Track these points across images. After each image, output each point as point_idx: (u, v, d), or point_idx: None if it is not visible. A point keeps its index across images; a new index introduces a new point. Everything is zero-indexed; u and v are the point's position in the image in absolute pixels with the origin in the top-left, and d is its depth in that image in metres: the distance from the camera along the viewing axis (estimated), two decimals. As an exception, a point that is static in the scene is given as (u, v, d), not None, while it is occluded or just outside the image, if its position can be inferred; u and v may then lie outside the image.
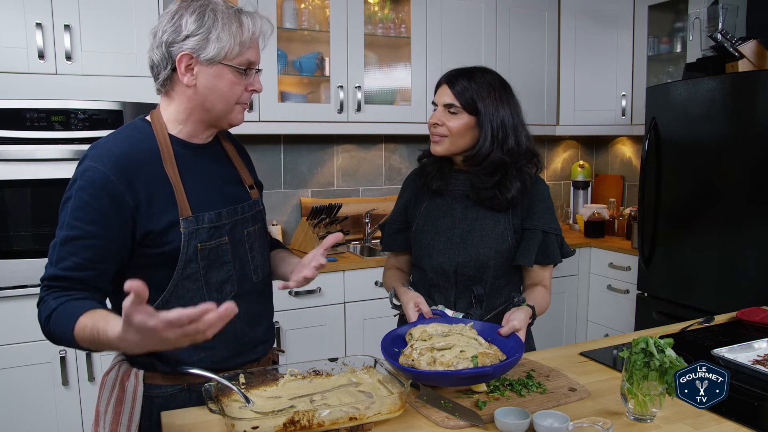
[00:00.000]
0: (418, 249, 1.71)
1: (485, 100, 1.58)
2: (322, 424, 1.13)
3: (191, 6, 1.25)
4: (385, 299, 1.81)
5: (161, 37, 1.25)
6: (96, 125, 2.42)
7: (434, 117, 1.63)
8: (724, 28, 2.98)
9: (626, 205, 4.08)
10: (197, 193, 1.31)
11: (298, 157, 3.47)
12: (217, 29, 1.23)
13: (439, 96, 1.63)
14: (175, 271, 1.27)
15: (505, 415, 1.18)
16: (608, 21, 3.66)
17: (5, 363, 2.37)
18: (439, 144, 1.64)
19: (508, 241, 1.63)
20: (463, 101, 1.59)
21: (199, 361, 1.33)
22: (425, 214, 1.71)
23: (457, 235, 1.65)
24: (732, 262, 2.72)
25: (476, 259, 1.62)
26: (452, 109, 1.60)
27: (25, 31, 2.35)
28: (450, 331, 1.43)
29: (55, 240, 1.22)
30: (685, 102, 2.90)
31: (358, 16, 3.15)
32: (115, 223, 1.21)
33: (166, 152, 1.29)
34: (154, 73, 1.30)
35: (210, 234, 1.31)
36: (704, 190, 2.83)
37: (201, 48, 1.23)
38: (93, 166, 1.22)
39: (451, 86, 1.60)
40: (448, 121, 1.60)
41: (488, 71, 1.64)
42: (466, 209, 1.66)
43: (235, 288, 1.36)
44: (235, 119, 1.34)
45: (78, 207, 1.20)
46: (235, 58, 1.26)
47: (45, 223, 2.40)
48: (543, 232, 1.63)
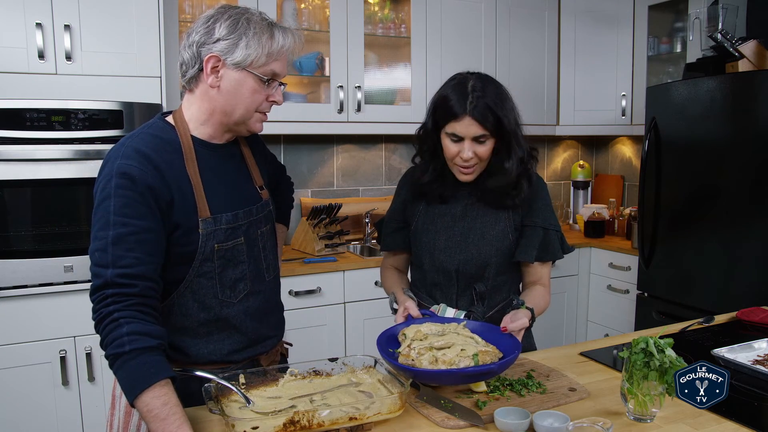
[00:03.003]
0: (418, 248, 1.70)
1: (506, 115, 1.51)
2: (322, 424, 1.13)
3: (227, 12, 1.30)
4: (385, 299, 1.81)
5: (193, 37, 1.30)
6: (96, 125, 2.42)
7: (465, 153, 1.52)
8: (724, 28, 2.98)
9: (626, 205, 4.08)
10: (216, 193, 1.34)
11: (298, 157, 3.47)
12: (248, 37, 1.27)
13: (464, 128, 1.50)
14: (191, 267, 1.30)
15: (505, 415, 1.18)
16: (608, 21, 3.66)
17: (5, 363, 2.37)
18: (471, 174, 1.58)
19: (508, 239, 1.63)
20: (491, 128, 1.50)
21: (209, 353, 1.36)
22: (424, 213, 1.70)
23: (457, 233, 1.64)
24: (732, 262, 2.72)
25: (477, 257, 1.62)
26: (481, 139, 1.52)
27: (25, 31, 2.35)
28: (444, 330, 1.43)
29: (101, 243, 1.19)
30: (685, 102, 2.90)
31: (358, 16, 3.15)
32: (159, 216, 1.24)
33: (189, 152, 1.32)
34: (182, 71, 1.34)
35: (227, 235, 1.34)
36: (704, 190, 2.83)
37: (229, 52, 1.27)
38: (127, 163, 1.23)
39: (474, 116, 1.49)
40: (479, 151, 1.53)
41: (490, 80, 1.57)
42: (466, 208, 1.65)
43: (249, 286, 1.39)
44: (254, 127, 1.37)
45: (124, 204, 1.21)
46: (260, 67, 1.30)
47: (45, 223, 2.40)
48: (543, 228, 1.62)
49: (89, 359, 2.48)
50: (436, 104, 1.59)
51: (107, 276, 1.17)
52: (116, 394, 1.37)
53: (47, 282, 2.41)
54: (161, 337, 1.18)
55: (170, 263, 1.28)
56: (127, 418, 1.34)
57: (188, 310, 1.33)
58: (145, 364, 1.14)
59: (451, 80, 1.58)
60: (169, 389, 1.14)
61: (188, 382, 1.28)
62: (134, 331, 1.15)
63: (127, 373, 1.14)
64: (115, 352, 1.14)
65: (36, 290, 2.39)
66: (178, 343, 1.33)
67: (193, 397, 1.27)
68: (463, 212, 1.65)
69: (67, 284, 2.44)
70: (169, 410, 1.11)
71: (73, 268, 2.44)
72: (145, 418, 1.12)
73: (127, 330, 1.14)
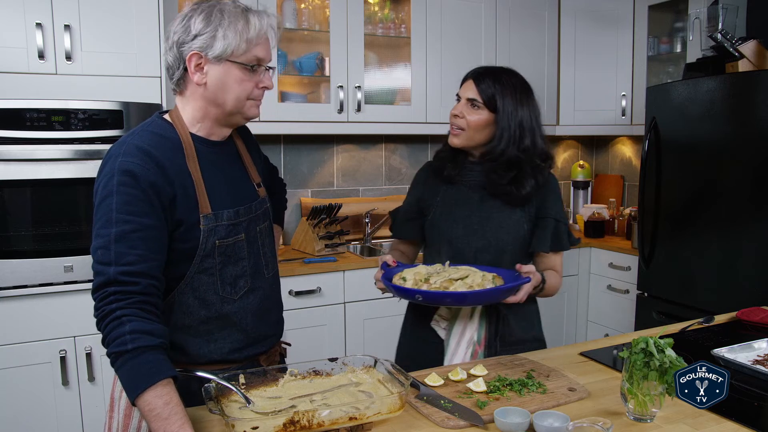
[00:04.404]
0: (436, 236, 1.76)
1: (506, 99, 1.65)
2: (322, 424, 1.13)
3: (200, 7, 1.30)
4: (385, 299, 1.82)
5: (173, 38, 1.30)
6: (96, 125, 2.42)
7: (456, 108, 1.70)
8: (724, 28, 2.98)
9: (626, 205, 4.08)
10: (217, 190, 1.34)
11: (298, 157, 3.47)
12: (224, 27, 1.27)
13: (464, 90, 1.70)
14: (192, 264, 1.30)
15: (505, 415, 1.18)
16: (608, 21, 3.66)
17: (5, 363, 2.37)
18: (457, 136, 1.71)
19: (524, 228, 1.70)
20: (485, 97, 1.65)
21: (209, 352, 1.36)
22: (442, 203, 1.76)
23: (475, 222, 1.70)
24: (732, 262, 2.72)
25: (495, 244, 1.69)
26: (474, 104, 1.66)
27: (25, 31, 2.35)
28: (443, 269, 1.58)
29: (103, 240, 1.19)
30: (685, 102, 2.90)
31: (358, 16, 3.15)
32: (161, 213, 1.24)
33: (189, 149, 1.32)
34: (169, 74, 1.34)
35: (228, 231, 1.34)
36: (704, 190, 2.83)
37: (208, 46, 1.27)
38: (129, 160, 1.23)
39: (476, 82, 1.67)
40: (469, 114, 1.67)
41: (514, 74, 1.71)
42: (483, 199, 1.72)
43: (249, 283, 1.39)
44: (250, 112, 1.37)
45: (126, 201, 1.20)
46: (242, 55, 1.29)
47: (45, 223, 2.40)
48: (555, 220, 1.71)
49: (89, 359, 2.48)
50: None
51: (110, 273, 1.17)
52: (115, 396, 1.37)
53: (47, 282, 2.41)
54: (163, 336, 1.18)
55: (171, 260, 1.28)
56: (126, 420, 1.34)
57: (189, 308, 1.33)
58: (147, 362, 1.13)
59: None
60: (171, 388, 1.14)
61: (188, 382, 1.28)
62: (136, 329, 1.14)
63: (128, 371, 1.14)
64: (117, 350, 1.14)
65: (36, 290, 2.39)
66: (179, 341, 1.33)
67: (194, 396, 1.27)
68: (479, 202, 1.71)
69: (67, 284, 2.44)
70: (171, 409, 1.11)
71: (73, 268, 2.44)
72: (146, 417, 1.12)
73: (129, 328, 1.14)
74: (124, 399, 1.33)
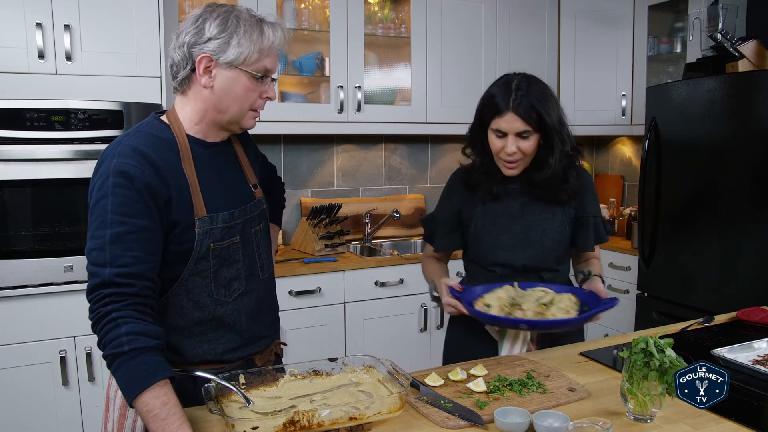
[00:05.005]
0: (480, 248, 1.76)
1: (547, 112, 1.59)
2: (322, 424, 1.13)
3: (216, 11, 1.29)
4: (385, 299, 1.82)
5: (184, 38, 1.29)
6: (96, 125, 2.42)
7: (509, 148, 1.61)
8: (724, 28, 2.98)
9: (626, 205, 4.08)
10: (212, 192, 1.34)
11: (298, 157, 3.47)
12: (239, 35, 1.27)
13: (508, 124, 1.60)
14: (186, 266, 1.30)
15: (505, 415, 1.18)
16: (608, 21, 3.66)
17: (5, 363, 2.37)
18: (514, 168, 1.66)
19: (566, 231, 1.74)
20: (534, 125, 1.59)
21: (203, 352, 1.35)
22: (482, 214, 1.75)
23: (519, 231, 1.71)
24: (732, 262, 2.72)
25: (541, 252, 1.72)
26: (524, 134, 1.60)
27: (25, 31, 2.35)
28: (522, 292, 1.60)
29: (98, 242, 1.19)
30: (685, 102, 2.90)
31: (358, 16, 3.15)
32: (157, 214, 1.23)
33: (185, 150, 1.32)
34: (173, 72, 1.33)
35: (223, 234, 1.34)
36: (704, 190, 2.83)
37: (221, 51, 1.27)
38: (124, 161, 1.22)
39: (517, 113, 1.58)
40: (520, 144, 1.61)
41: (534, 79, 1.64)
42: (523, 207, 1.72)
43: (243, 285, 1.39)
44: (247, 124, 1.38)
45: (121, 203, 1.20)
46: (252, 64, 1.30)
47: (45, 223, 2.41)
48: (594, 217, 1.76)
49: (89, 359, 2.48)
50: (483, 102, 1.68)
51: (105, 275, 1.16)
52: (110, 396, 1.36)
53: (47, 282, 2.41)
54: (159, 337, 1.18)
55: (166, 262, 1.28)
56: (121, 420, 1.33)
57: (182, 309, 1.33)
58: (144, 364, 1.13)
59: (498, 80, 1.67)
60: (169, 389, 1.14)
61: (184, 382, 1.28)
62: (133, 331, 1.14)
63: (126, 373, 1.14)
64: (114, 352, 1.14)
65: (36, 290, 2.39)
66: (172, 342, 1.32)
67: (189, 397, 1.27)
68: (521, 211, 1.72)
69: (67, 284, 2.44)
70: (168, 410, 1.11)
71: (73, 268, 2.44)
72: (144, 418, 1.12)
73: (125, 330, 1.14)
74: (119, 398, 1.33)
